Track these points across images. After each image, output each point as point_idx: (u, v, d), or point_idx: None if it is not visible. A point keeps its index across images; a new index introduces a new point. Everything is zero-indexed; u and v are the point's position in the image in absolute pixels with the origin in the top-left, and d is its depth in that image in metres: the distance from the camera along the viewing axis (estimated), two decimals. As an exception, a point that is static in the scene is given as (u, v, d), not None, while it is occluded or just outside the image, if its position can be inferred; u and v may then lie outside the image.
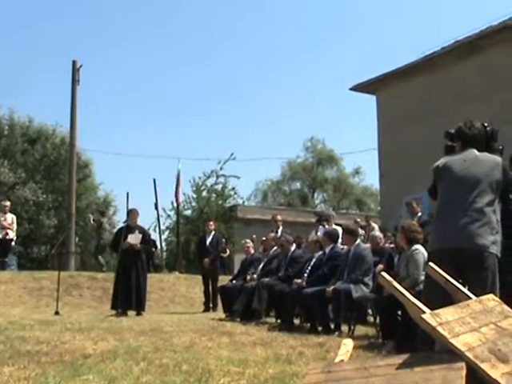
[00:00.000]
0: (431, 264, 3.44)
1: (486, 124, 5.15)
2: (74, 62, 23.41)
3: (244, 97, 73.13)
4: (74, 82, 23.22)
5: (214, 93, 72.55)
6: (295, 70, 73.05)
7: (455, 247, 4.60)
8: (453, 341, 2.42)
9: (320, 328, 8.52)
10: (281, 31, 72.45)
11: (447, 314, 2.64)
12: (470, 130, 5.02)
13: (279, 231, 13.33)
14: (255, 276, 10.97)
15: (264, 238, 12.56)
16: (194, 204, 29.56)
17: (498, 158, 4.87)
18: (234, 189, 30.09)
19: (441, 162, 5.01)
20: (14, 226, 17.16)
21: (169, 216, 28.74)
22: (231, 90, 72.69)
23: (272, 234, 12.36)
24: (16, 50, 59.79)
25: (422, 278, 6.49)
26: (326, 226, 12.13)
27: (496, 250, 4.63)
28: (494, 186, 4.73)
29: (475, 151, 4.89)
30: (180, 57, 71.78)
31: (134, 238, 11.84)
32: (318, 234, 11.86)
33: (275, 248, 11.55)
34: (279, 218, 13.99)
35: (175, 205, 25.84)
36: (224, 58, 72.83)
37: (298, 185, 52.09)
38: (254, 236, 18.75)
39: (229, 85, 72.40)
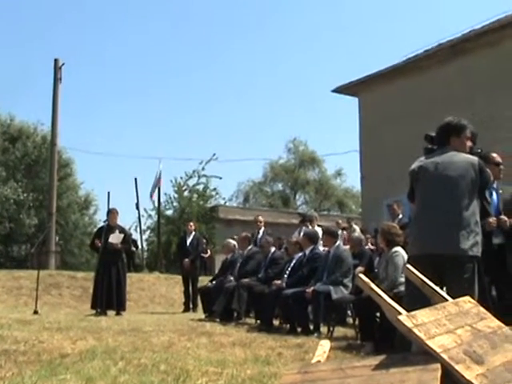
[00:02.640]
0: (409, 266, 3.45)
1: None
2: (56, 61, 23.28)
3: (227, 98, 73.02)
4: (56, 80, 23.09)
5: (197, 93, 72.41)
6: (278, 71, 73.09)
7: (434, 253, 4.59)
8: (428, 342, 2.43)
9: (299, 329, 8.53)
10: (263, 33, 72.42)
11: (423, 315, 2.65)
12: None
13: (261, 232, 13.34)
14: (232, 278, 10.94)
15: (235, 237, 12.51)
16: (175, 204, 29.55)
17: (473, 158, 4.84)
18: (215, 189, 30.15)
19: (415, 165, 4.98)
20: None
21: (150, 216, 28.79)
22: (213, 91, 72.54)
23: (244, 234, 12.25)
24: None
25: (401, 280, 6.52)
26: (310, 227, 12.13)
27: (476, 251, 4.62)
28: (470, 187, 4.70)
29: (451, 152, 4.88)
30: (162, 56, 71.57)
31: (115, 238, 11.84)
32: (301, 234, 11.86)
33: (250, 247, 11.55)
34: (261, 219, 13.96)
35: (152, 202, 25.87)
36: (206, 58, 72.77)
37: (279, 186, 52.13)
38: (236, 237, 18.71)
39: (211, 85, 72.38)
